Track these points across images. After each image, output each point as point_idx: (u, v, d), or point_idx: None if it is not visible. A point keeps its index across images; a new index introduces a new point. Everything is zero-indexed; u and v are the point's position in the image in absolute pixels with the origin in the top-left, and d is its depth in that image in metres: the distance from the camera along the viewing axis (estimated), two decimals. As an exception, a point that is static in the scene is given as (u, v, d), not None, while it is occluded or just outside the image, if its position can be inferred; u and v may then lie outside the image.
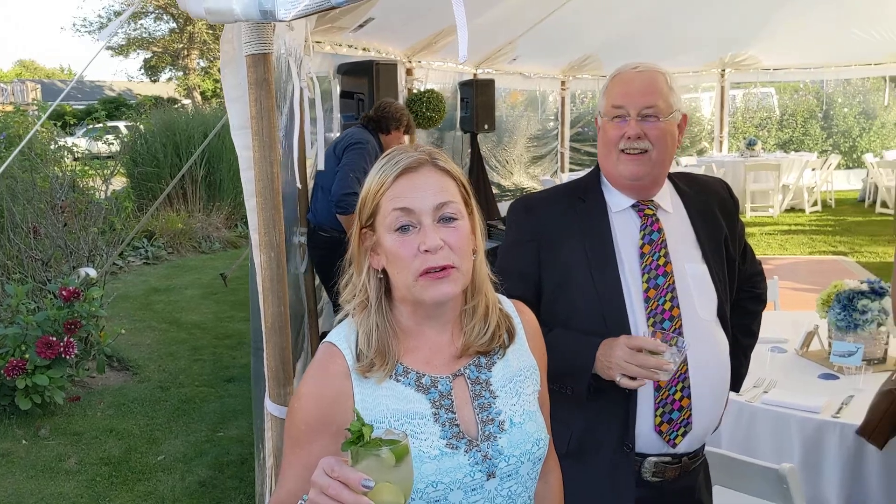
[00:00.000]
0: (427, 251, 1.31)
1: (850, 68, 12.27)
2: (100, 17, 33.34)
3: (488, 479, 1.36)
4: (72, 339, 4.93)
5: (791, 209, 12.28)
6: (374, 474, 1.11)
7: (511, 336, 1.47)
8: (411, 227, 1.33)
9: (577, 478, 1.73)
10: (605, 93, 1.98)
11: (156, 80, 36.60)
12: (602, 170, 2.02)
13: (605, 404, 1.88)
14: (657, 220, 1.97)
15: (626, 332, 1.79)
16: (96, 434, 4.84)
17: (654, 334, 1.81)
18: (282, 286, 2.03)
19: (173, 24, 32.30)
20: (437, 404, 1.36)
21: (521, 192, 10.78)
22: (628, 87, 1.92)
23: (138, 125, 12.75)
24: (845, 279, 3.33)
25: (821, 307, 3.25)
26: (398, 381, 1.36)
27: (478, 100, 8.77)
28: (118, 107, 27.95)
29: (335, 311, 1.52)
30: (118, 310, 7.37)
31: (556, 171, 12.33)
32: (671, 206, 2.02)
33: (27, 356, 4.81)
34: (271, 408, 2.13)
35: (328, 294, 4.99)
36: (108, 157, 11.96)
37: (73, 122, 17.09)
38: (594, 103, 12.57)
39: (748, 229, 10.24)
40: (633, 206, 1.98)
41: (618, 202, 1.99)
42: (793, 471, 2.27)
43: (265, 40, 1.91)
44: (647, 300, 1.91)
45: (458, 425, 1.36)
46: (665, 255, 1.94)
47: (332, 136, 5.31)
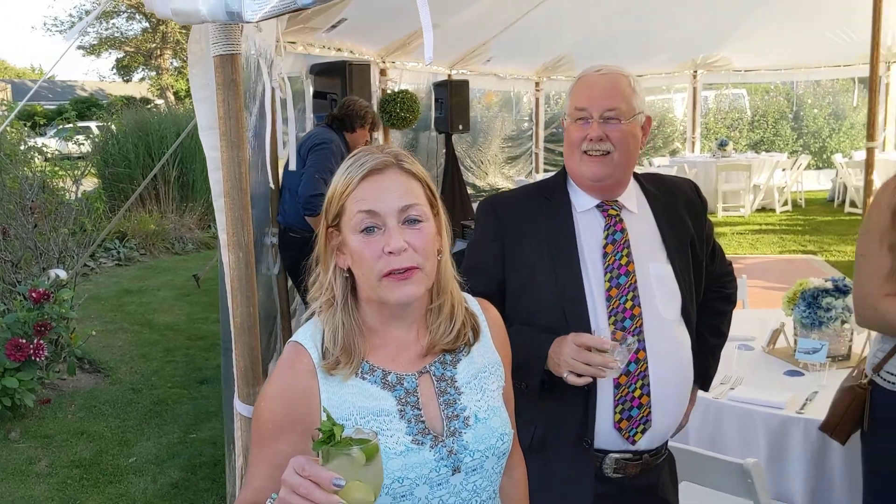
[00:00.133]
0: (391, 253, 1.33)
1: (820, 70, 12.46)
2: (71, 16, 32.95)
3: (454, 474, 1.38)
4: (42, 342, 4.88)
5: (762, 209, 12.42)
6: (344, 473, 1.12)
7: (476, 334, 1.49)
8: (376, 229, 1.34)
9: (540, 473, 1.75)
10: (569, 95, 2.01)
11: (128, 80, 36.25)
12: (567, 170, 2.05)
13: (567, 401, 1.90)
14: (621, 220, 2.00)
15: (587, 331, 1.81)
16: (67, 437, 4.80)
17: (614, 332, 1.84)
18: (251, 286, 2.03)
19: (146, 24, 31.99)
20: (403, 401, 1.38)
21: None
22: (591, 90, 1.95)
23: (110, 125, 12.64)
24: (811, 277, 3.38)
25: (786, 305, 3.30)
26: (364, 378, 1.38)
27: (452, 100, 8.79)
28: (90, 107, 27.62)
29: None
30: (89, 311, 7.31)
31: (530, 172, 12.40)
32: (636, 207, 2.05)
33: (-4, 359, 4.76)
34: (240, 407, 2.14)
35: (300, 295, 4.99)
36: (79, 157, 11.84)
37: (43, 122, 16.89)
38: (568, 104, 12.62)
39: (720, 229, 10.40)
40: (597, 207, 2.01)
41: (583, 202, 2.02)
42: (757, 466, 2.31)
43: (233, 41, 1.92)
44: (608, 299, 1.93)
45: (423, 422, 1.38)
46: (628, 254, 1.96)
47: (305, 136, 5.31)
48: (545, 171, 12.30)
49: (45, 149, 12.57)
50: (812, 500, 2.75)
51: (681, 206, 2.11)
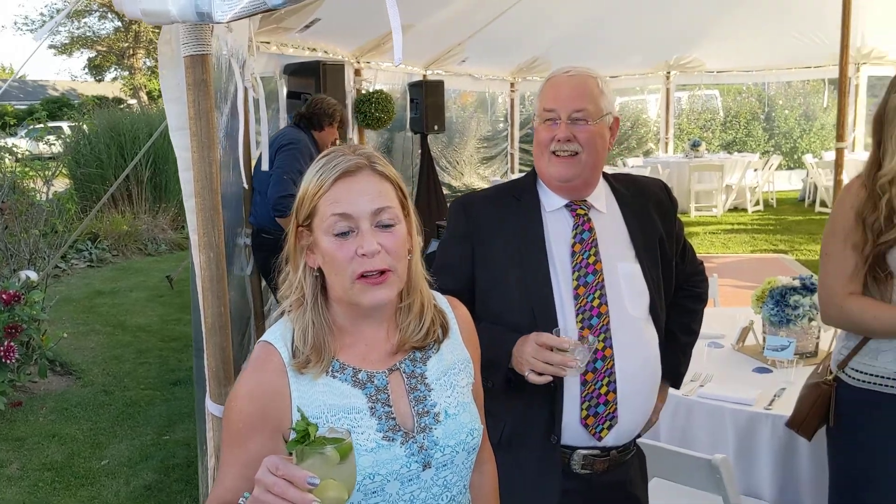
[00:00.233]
0: (364, 255, 1.34)
1: (791, 71, 12.58)
2: (42, 15, 32.54)
3: (424, 470, 1.40)
4: (12, 344, 4.82)
5: (734, 209, 12.55)
6: (318, 472, 1.14)
7: (445, 331, 1.51)
8: (350, 232, 1.35)
9: (509, 468, 1.77)
10: (538, 96, 2.03)
11: (101, 80, 35.84)
12: (536, 171, 2.07)
13: (534, 398, 1.92)
14: (589, 219, 2.02)
15: (557, 328, 1.83)
16: (39, 439, 4.76)
17: (581, 330, 1.87)
18: (222, 286, 2.03)
19: (118, 23, 31.64)
20: (374, 398, 1.39)
21: (471, 193, 10.83)
22: (559, 91, 1.97)
23: (81, 125, 12.51)
24: (779, 276, 3.43)
25: (755, 303, 3.35)
26: (334, 377, 1.39)
27: (427, 101, 8.80)
28: (61, 107, 27.28)
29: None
30: (61, 313, 7.24)
31: (506, 172, 12.44)
32: (605, 207, 2.07)
33: (-34, 361, 4.70)
34: (212, 408, 2.13)
35: (274, 295, 4.97)
36: (50, 157, 11.73)
37: (13, 122, 16.69)
38: (543, 105, 12.67)
39: (692, 229, 10.49)
40: (566, 206, 2.03)
41: (552, 202, 2.04)
42: (725, 461, 2.34)
43: (203, 41, 1.92)
44: (576, 297, 1.96)
45: (394, 418, 1.40)
46: (595, 253, 1.99)
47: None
48: (520, 171, 12.33)
49: (15, 149, 12.44)
50: (780, 495, 2.80)
51: (650, 206, 2.13)
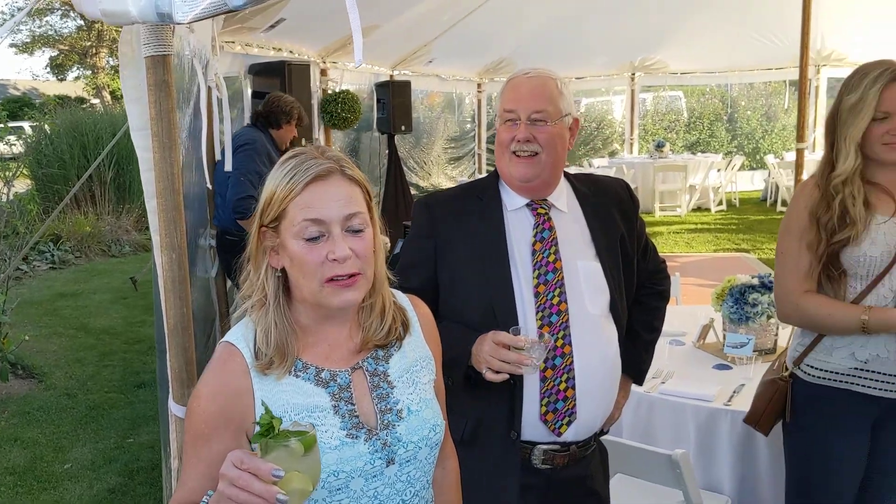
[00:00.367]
0: (335, 260, 1.35)
1: (753, 73, 12.74)
2: (2, 13, 31.93)
3: (388, 466, 1.42)
4: (-29, 347, 4.76)
5: (697, 209, 12.71)
6: (283, 464, 1.15)
7: (406, 328, 1.53)
8: (321, 237, 1.36)
9: (470, 464, 1.79)
10: (499, 97, 2.06)
11: (62, 79, 35.24)
12: (498, 171, 2.10)
13: (495, 394, 1.94)
14: (549, 218, 2.05)
15: (516, 326, 1.86)
16: (0, 443, 4.70)
17: (541, 328, 1.90)
18: (184, 287, 2.02)
19: (81, 22, 31.15)
20: (337, 397, 1.41)
21: (438, 193, 10.85)
22: (518, 92, 2.00)
23: (43, 125, 12.31)
24: (739, 274, 3.49)
25: (715, 301, 3.41)
26: (298, 376, 1.40)
27: (394, 101, 8.79)
28: (22, 106, 26.78)
29: None
30: (23, 316, 7.13)
31: (473, 173, 12.47)
32: (566, 206, 2.10)
33: (-77, 365, 4.62)
34: (175, 409, 2.12)
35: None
36: (11, 158, 11.53)
37: (-28, 122, 16.36)
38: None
39: (657, 228, 10.61)
40: (527, 206, 2.06)
41: (513, 201, 2.07)
42: (685, 456, 2.39)
43: (164, 42, 1.91)
44: (536, 295, 1.98)
45: (357, 416, 1.41)
46: (555, 252, 2.02)
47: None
48: (488, 171, 12.24)
49: (-26, 149, 12.22)
50: (739, 489, 2.86)
51: (611, 205, 2.16)
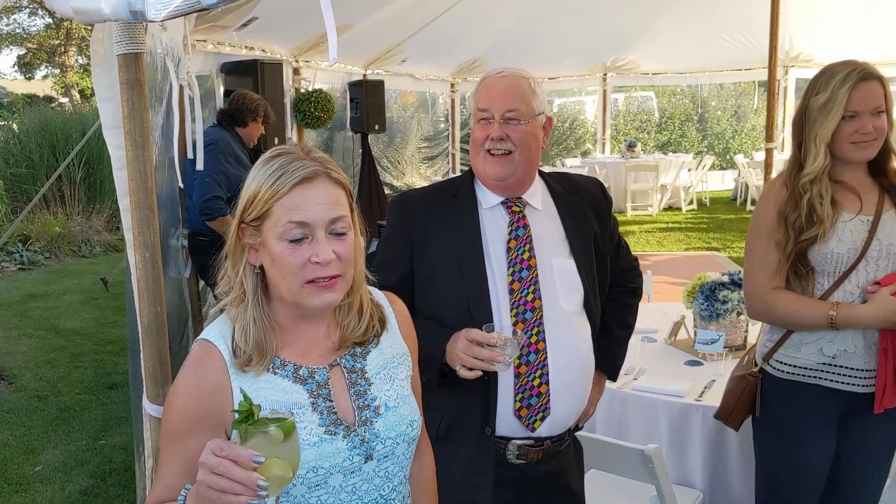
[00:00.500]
0: (318, 263, 1.35)
1: (723, 73, 12.89)
2: (-32, 10, 31.43)
3: (366, 462, 1.43)
4: (-62, 349, 4.69)
5: (669, 208, 12.84)
6: (263, 451, 1.15)
7: (382, 324, 1.54)
8: (304, 239, 1.36)
9: (446, 459, 1.81)
10: (474, 96, 2.08)
11: (31, 78, 34.71)
12: (473, 169, 2.11)
13: (469, 390, 1.96)
14: (524, 216, 2.07)
15: (490, 323, 1.88)
16: (-33, 447, 4.63)
17: (515, 324, 1.92)
18: (158, 286, 2.02)
19: (49, 20, 30.73)
20: (315, 394, 1.42)
21: (412, 193, 10.85)
22: (492, 92, 2.02)
23: (11, 124, 12.15)
24: (709, 272, 3.54)
25: (686, 298, 3.45)
26: (276, 373, 1.40)
27: (368, 100, 8.77)
28: (-12, 105, 26.40)
29: None
30: (-9, 318, 7.04)
31: (447, 172, 12.49)
32: (541, 204, 2.12)
33: None
34: (149, 408, 2.11)
35: (214, 297, 4.91)
36: (-22, 158, 11.35)
37: (-62, 121, 16.10)
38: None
39: (629, 227, 10.70)
40: (502, 204, 2.08)
41: (488, 199, 2.09)
42: (657, 451, 2.42)
43: (137, 40, 1.90)
44: (511, 292, 2.00)
45: (335, 413, 1.42)
46: (530, 249, 2.04)
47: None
48: (461, 170, 12.34)
49: (-60, 149, 12.01)
50: (711, 483, 2.90)
51: (585, 204, 2.19)
